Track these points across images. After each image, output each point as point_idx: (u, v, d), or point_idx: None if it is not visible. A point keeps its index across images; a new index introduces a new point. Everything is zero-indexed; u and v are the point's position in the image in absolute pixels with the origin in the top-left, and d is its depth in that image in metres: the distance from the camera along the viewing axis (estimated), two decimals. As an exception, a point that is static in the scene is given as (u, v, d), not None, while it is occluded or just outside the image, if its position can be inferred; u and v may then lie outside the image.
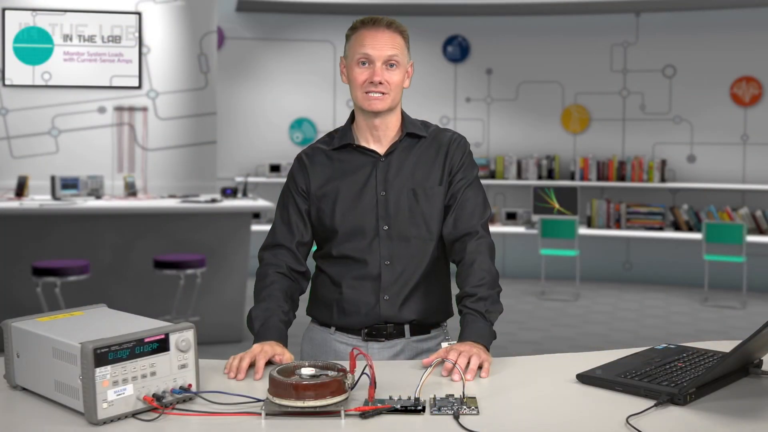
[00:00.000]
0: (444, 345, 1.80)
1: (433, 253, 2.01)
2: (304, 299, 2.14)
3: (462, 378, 1.62)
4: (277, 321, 1.90)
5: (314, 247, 2.13)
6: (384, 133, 2.03)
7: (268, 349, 1.77)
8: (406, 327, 2.01)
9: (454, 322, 2.14)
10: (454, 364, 1.67)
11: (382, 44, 1.94)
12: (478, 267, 1.91)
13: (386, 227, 1.98)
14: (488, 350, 1.81)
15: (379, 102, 1.95)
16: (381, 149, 2.03)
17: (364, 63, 1.95)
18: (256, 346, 1.78)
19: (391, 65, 1.95)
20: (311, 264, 2.10)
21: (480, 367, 1.70)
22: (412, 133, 2.04)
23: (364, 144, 2.03)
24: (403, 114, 2.06)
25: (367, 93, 1.96)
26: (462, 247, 1.96)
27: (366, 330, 2.00)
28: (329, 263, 2.03)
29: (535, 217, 8.13)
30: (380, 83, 1.94)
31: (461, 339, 1.83)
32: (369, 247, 1.98)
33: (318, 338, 2.07)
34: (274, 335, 1.86)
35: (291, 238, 2.04)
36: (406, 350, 2.02)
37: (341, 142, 2.04)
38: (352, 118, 2.08)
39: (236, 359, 1.72)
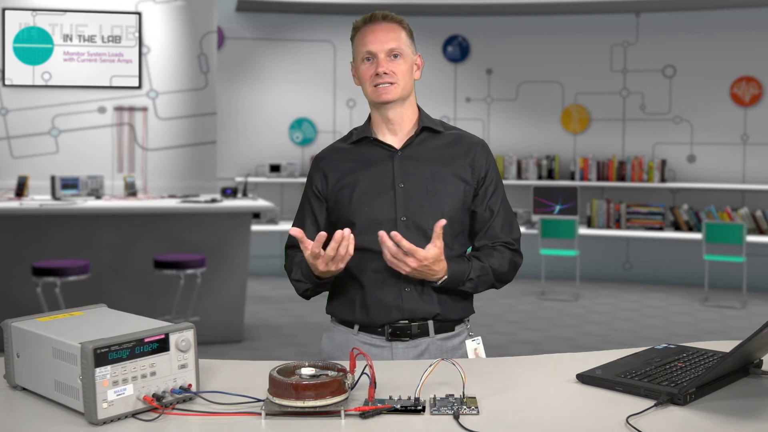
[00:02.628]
0: (468, 343, 1.80)
1: (454, 247, 2.01)
2: (320, 299, 2.13)
3: (462, 377, 1.62)
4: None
5: None
6: (399, 126, 2.05)
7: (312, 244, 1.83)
8: (430, 324, 1.99)
9: (476, 318, 2.14)
10: (457, 367, 1.67)
11: (381, 38, 1.98)
12: (499, 257, 2.00)
13: (404, 218, 1.99)
14: (438, 282, 1.90)
15: (389, 92, 1.98)
16: (397, 143, 2.05)
17: (368, 59, 2.00)
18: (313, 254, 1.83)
19: (395, 56, 1.99)
20: None
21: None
22: (429, 127, 2.06)
23: (381, 138, 2.06)
24: (420, 109, 2.09)
25: (375, 86, 1.99)
26: (493, 246, 2.03)
27: (390, 329, 1.99)
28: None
29: (535, 217, 8.14)
30: (385, 73, 1.97)
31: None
32: None
33: (340, 339, 2.05)
34: None
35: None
36: (431, 349, 2.00)
37: (359, 137, 2.07)
38: (371, 116, 2.11)
39: (330, 249, 1.80)
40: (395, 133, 2.05)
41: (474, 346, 1.79)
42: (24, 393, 1.56)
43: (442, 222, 1.81)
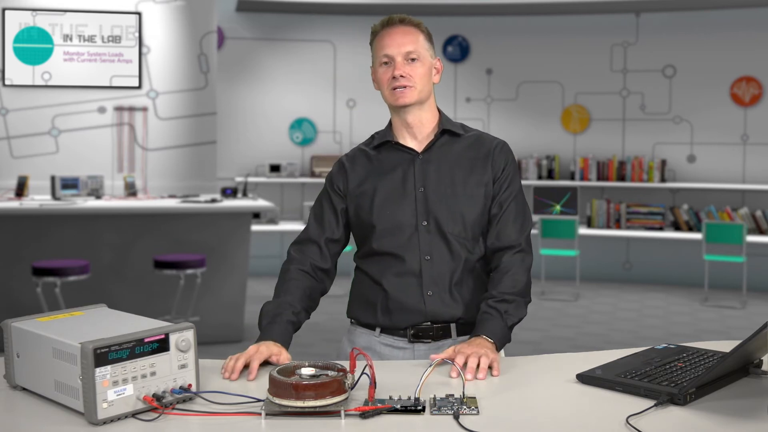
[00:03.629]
0: None
1: (475, 251, 2.00)
2: (341, 299, 2.13)
3: (462, 377, 1.62)
4: (284, 321, 1.90)
5: (348, 248, 2.13)
6: (419, 130, 2.04)
7: (264, 349, 1.77)
8: (452, 327, 1.99)
9: None
10: (460, 370, 1.66)
11: (398, 41, 1.98)
12: (511, 276, 1.94)
13: (425, 222, 1.98)
14: (498, 349, 1.81)
15: (405, 96, 1.98)
16: (418, 146, 2.04)
17: (386, 63, 2.00)
18: (252, 348, 1.78)
19: (412, 59, 1.98)
20: (349, 267, 2.10)
21: (491, 367, 1.71)
22: (449, 130, 2.05)
23: (401, 142, 2.05)
24: (440, 112, 2.09)
25: (393, 90, 1.98)
26: (500, 257, 1.98)
27: (412, 331, 1.98)
28: (369, 262, 2.02)
29: (535, 217, 8.13)
30: (402, 76, 1.96)
31: (472, 335, 1.83)
32: (408, 242, 1.97)
33: (362, 341, 2.04)
34: (276, 335, 1.86)
35: (321, 233, 2.05)
36: None
37: (380, 141, 2.07)
38: (391, 121, 2.11)
39: (232, 360, 1.73)
40: (415, 136, 2.04)
41: None
42: (24, 393, 1.56)
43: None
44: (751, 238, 7.48)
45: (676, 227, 8.24)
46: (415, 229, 1.98)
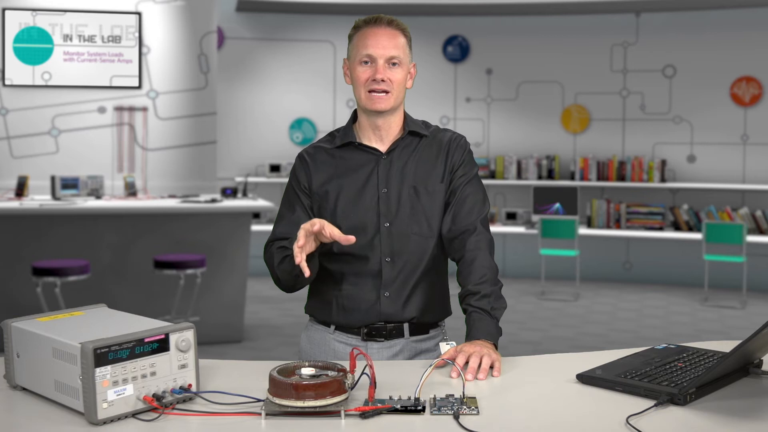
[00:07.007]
0: (442, 345, 1.80)
1: (433, 251, 2.02)
2: (302, 298, 2.14)
3: (462, 377, 1.62)
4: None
5: None
6: (386, 132, 2.04)
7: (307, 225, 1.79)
8: (405, 326, 2.01)
9: (451, 322, 2.14)
10: (460, 370, 1.66)
11: (384, 43, 1.96)
12: (479, 264, 1.93)
13: (387, 224, 1.99)
14: (497, 347, 1.81)
15: (382, 101, 1.97)
16: (383, 147, 2.04)
17: (366, 62, 1.97)
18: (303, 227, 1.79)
19: (394, 64, 1.97)
20: None
21: (492, 367, 1.71)
22: (414, 131, 2.05)
23: (366, 142, 2.04)
24: (405, 113, 2.08)
25: (370, 92, 1.97)
26: (461, 244, 1.97)
27: (365, 330, 2.00)
28: (330, 260, 2.02)
29: (535, 217, 8.14)
30: (383, 81, 1.95)
31: (468, 338, 1.83)
32: (370, 244, 1.98)
33: (317, 337, 2.07)
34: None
35: (292, 231, 2.00)
36: (405, 350, 2.02)
37: (343, 141, 2.05)
38: (353, 118, 2.10)
39: (297, 246, 1.75)
40: (381, 138, 2.04)
41: (447, 348, 1.80)
42: (24, 393, 1.56)
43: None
44: (751, 238, 7.48)
45: (676, 227, 8.24)
46: (377, 231, 1.98)
